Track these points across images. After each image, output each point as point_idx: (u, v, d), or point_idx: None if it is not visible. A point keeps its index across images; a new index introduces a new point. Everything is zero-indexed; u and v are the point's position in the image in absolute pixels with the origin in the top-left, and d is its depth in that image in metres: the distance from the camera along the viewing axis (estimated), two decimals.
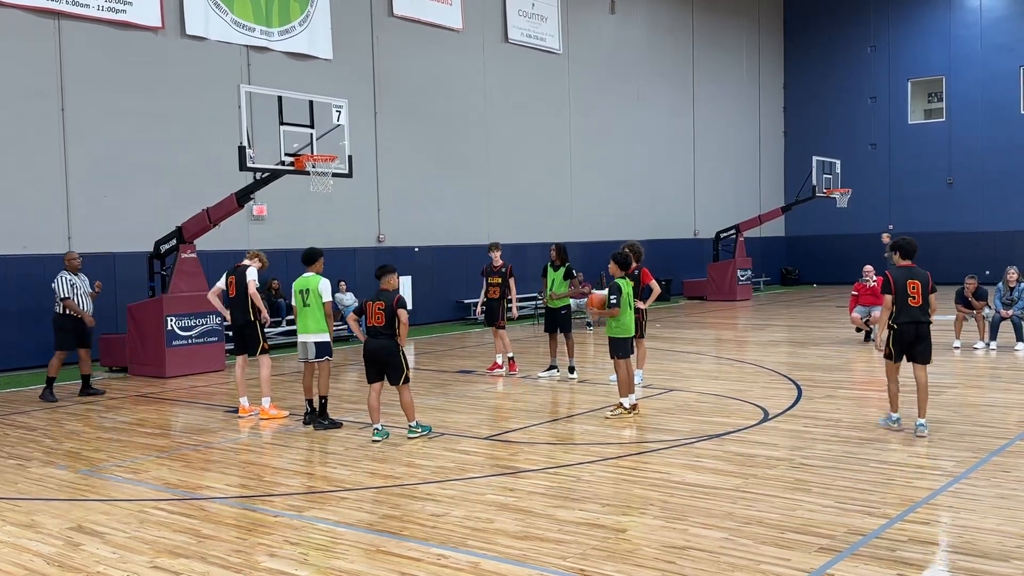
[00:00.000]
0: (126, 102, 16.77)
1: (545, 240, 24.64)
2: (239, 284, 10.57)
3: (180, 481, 7.85)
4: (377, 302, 9.02)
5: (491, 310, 13.52)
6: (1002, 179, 31.29)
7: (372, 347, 9.06)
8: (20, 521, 6.75)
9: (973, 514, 6.34)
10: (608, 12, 27.69)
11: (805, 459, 7.99)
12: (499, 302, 13.42)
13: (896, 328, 8.77)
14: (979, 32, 31.77)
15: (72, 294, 12.26)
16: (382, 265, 9.35)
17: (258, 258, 10.90)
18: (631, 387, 10.11)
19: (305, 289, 9.89)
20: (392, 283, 9.16)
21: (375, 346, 9.03)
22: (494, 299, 13.48)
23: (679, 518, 6.37)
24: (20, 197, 15.48)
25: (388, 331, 8.93)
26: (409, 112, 21.73)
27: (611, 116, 27.91)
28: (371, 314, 9.03)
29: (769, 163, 35.43)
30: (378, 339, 9.00)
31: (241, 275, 10.58)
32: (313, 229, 19.27)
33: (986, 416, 9.82)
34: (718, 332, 19.80)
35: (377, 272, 9.30)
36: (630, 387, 10.08)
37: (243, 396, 10.82)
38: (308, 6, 19.55)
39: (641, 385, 11.90)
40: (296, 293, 9.99)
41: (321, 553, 5.88)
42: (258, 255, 10.94)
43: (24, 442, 9.69)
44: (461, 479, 7.65)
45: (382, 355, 9.00)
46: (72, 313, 12.23)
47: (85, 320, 12.28)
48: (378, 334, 8.99)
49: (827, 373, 12.93)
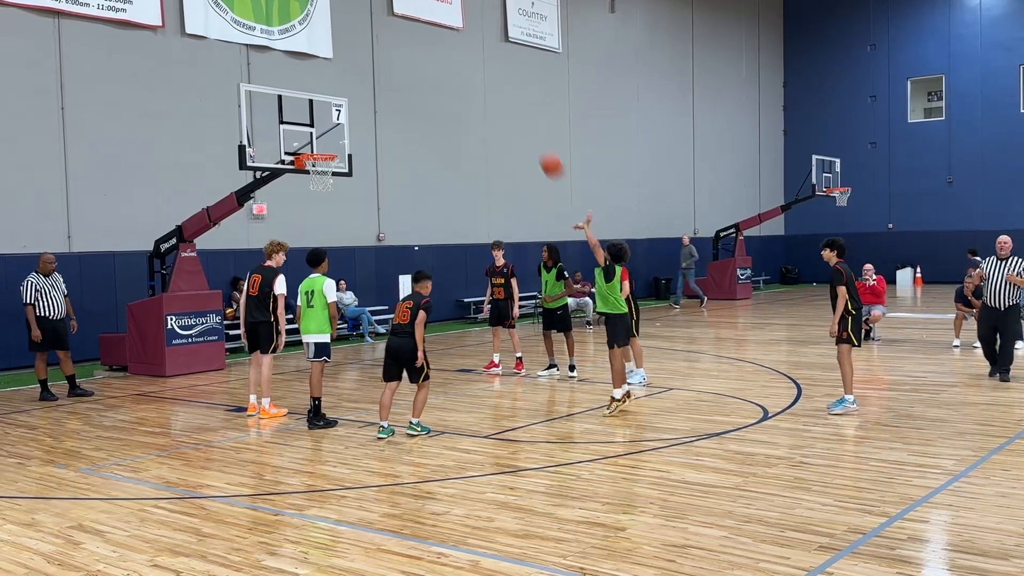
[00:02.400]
0: (126, 101, 16.77)
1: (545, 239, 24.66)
2: (263, 284, 10.56)
3: (180, 480, 7.86)
4: (407, 301, 9.23)
5: (498, 310, 13.50)
6: (1002, 177, 31.29)
7: (394, 344, 9.18)
8: (20, 520, 6.75)
9: (973, 513, 6.35)
10: (608, 11, 27.70)
11: (805, 458, 8.00)
12: (505, 302, 13.42)
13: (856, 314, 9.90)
14: (979, 31, 31.77)
15: (37, 299, 12.06)
16: (419, 271, 9.57)
17: (283, 250, 10.83)
18: (623, 378, 10.19)
19: (310, 290, 9.94)
20: (426, 288, 9.35)
21: (398, 343, 9.14)
22: (500, 299, 13.48)
23: (679, 516, 6.38)
24: (20, 196, 15.48)
25: (411, 329, 9.06)
26: (409, 111, 21.74)
27: (611, 115, 27.91)
28: (399, 312, 9.20)
29: (769, 162, 35.44)
30: (401, 337, 9.12)
31: (269, 278, 10.57)
32: (313, 228, 19.29)
33: (986, 415, 9.82)
34: (718, 331, 19.81)
35: (413, 276, 9.53)
36: (622, 378, 10.16)
37: (253, 394, 10.81)
38: (308, 5, 19.55)
39: (644, 384, 11.91)
40: (301, 294, 10.01)
41: (321, 552, 5.89)
42: (282, 246, 10.84)
43: (24, 441, 9.70)
44: (461, 478, 7.65)
45: (404, 352, 9.11)
46: (28, 319, 12.01)
47: (32, 333, 12.02)
48: (402, 332, 9.11)
49: (826, 372, 12.92)
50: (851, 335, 9.85)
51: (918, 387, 11.55)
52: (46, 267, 12.28)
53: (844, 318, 9.84)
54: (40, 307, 12.11)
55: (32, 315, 12.06)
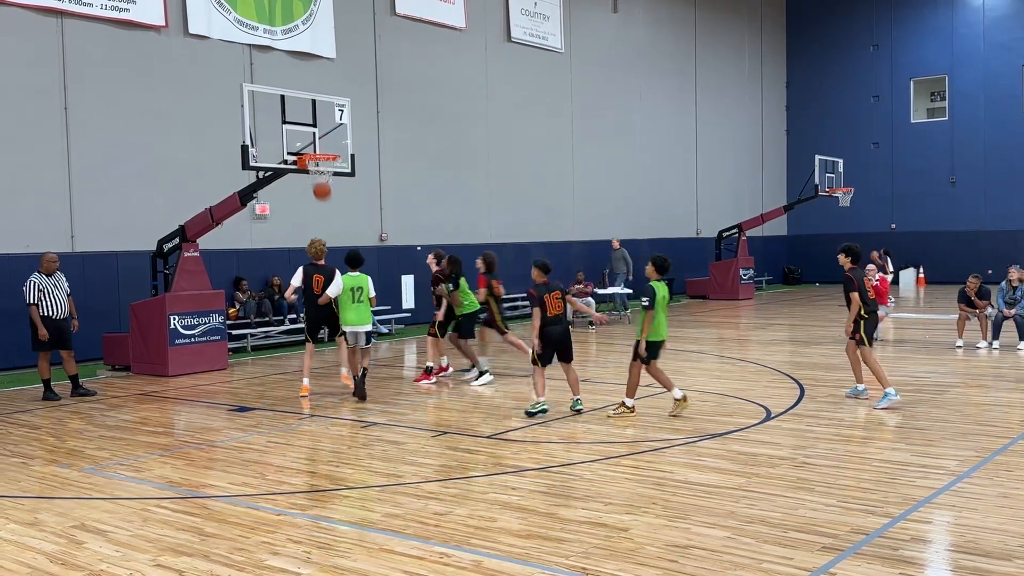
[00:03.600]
0: (129, 101, 16.79)
1: (547, 239, 24.73)
2: (326, 284, 11.76)
3: (183, 479, 7.86)
4: (554, 292, 9.94)
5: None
6: (1005, 178, 31.27)
7: (559, 332, 9.94)
8: (23, 519, 6.76)
9: (976, 513, 6.34)
10: (610, 11, 27.70)
11: (808, 458, 7.99)
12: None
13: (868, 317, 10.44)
14: (981, 31, 31.74)
15: (40, 299, 12.09)
16: (538, 259, 10.31)
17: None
18: (636, 390, 10.20)
19: (358, 287, 11.54)
20: (540, 276, 10.12)
21: (562, 331, 9.97)
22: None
23: (682, 517, 6.38)
24: (23, 196, 15.50)
25: (564, 317, 10.01)
26: (411, 111, 21.74)
27: (613, 115, 27.90)
28: (551, 305, 9.89)
29: (771, 162, 35.42)
30: (561, 324, 9.96)
31: (330, 277, 11.82)
32: (315, 228, 19.24)
33: (989, 415, 9.81)
34: (720, 331, 19.80)
35: (541, 266, 10.14)
36: (636, 390, 10.19)
37: (306, 377, 12.12)
38: (311, 5, 19.55)
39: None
40: (347, 291, 11.45)
41: (324, 552, 5.89)
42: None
43: (27, 440, 9.71)
44: (464, 478, 7.66)
45: (567, 338, 10.01)
46: (32, 319, 12.06)
47: (39, 333, 12.04)
48: (560, 320, 9.94)
49: (829, 372, 12.92)
50: (863, 336, 10.38)
51: (921, 388, 11.54)
52: (48, 267, 12.28)
53: (858, 319, 10.39)
54: (43, 307, 12.12)
55: (36, 315, 12.07)
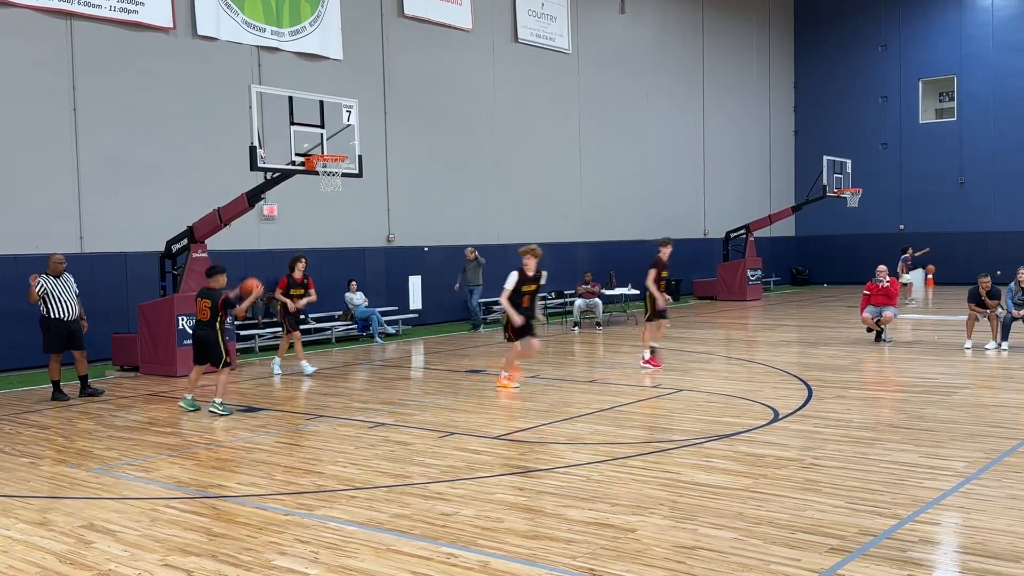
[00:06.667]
0: (137, 102, 16.84)
1: (555, 240, 24.71)
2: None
3: (191, 480, 7.88)
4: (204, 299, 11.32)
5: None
6: (1013, 178, 31.16)
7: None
8: (32, 519, 6.79)
9: (984, 515, 6.32)
10: (618, 12, 27.68)
11: (815, 459, 7.98)
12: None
13: None
14: (990, 31, 31.64)
15: (45, 299, 12.12)
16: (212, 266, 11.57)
17: (531, 252, 12.06)
18: None
19: None
20: (218, 282, 11.55)
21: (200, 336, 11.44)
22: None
23: (689, 518, 6.37)
24: (32, 197, 15.56)
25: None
26: (419, 112, 21.76)
27: (621, 116, 27.89)
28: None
29: (779, 162, 35.36)
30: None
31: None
32: (323, 229, 19.34)
33: (998, 417, 9.78)
34: (728, 332, 19.77)
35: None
36: None
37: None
38: (319, 6, 19.60)
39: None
40: None
41: (331, 552, 5.90)
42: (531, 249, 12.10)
43: (36, 440, 9.75)
44: (471, 478, 7.66)
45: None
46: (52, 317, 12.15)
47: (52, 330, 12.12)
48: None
49: (837, 373, 12.89)
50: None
51: (929, 389, 11.51)
52: (56, 268, 12.30)
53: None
54: (51, 308, 12.15)
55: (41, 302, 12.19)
